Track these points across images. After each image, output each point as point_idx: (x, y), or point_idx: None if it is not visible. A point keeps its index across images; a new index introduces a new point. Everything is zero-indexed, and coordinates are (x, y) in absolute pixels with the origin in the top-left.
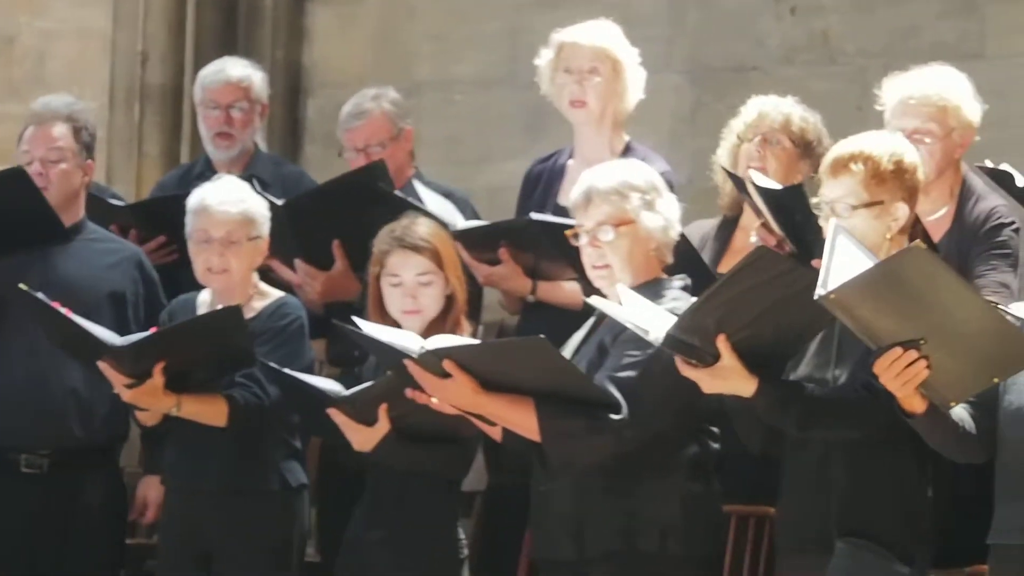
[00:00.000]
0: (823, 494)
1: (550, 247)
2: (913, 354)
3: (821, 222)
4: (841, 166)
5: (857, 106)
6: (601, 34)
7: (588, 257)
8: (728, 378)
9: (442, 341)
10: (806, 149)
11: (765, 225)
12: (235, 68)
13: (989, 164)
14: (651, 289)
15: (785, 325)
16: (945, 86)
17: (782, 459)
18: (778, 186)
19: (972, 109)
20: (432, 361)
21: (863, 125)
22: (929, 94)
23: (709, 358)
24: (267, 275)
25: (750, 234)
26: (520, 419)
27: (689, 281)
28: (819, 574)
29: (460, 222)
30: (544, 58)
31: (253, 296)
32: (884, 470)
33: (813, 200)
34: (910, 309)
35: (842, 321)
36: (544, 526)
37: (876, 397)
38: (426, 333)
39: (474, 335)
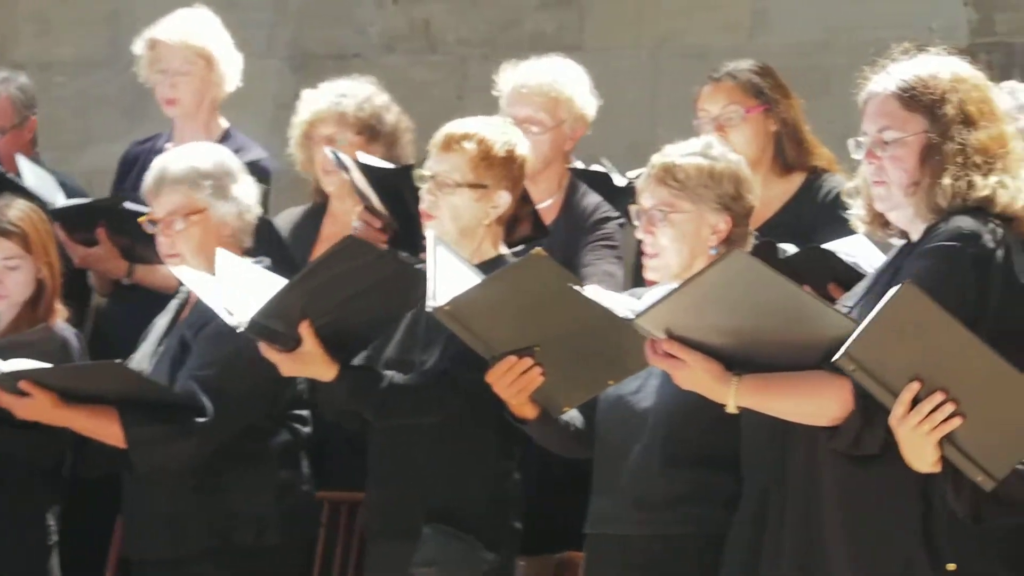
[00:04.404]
0: (408, 477)
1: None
2: (528, 361)
3: (423, 194)
4: (453, 142)
5: (458, 96)
6: (192, 30)
7: (161, 246)
8: (309, 363)
9: (17, 365)
10: (372, 133)
11: (369, 208)
12: None
13: (580, 165)
14: None
15: (371, 310)
16: (560, 78)
17: (368, 440)
18: (388, 165)
19: (586, 103)
20: (8, 382)
21: (463, 114)
22: (543, 84)
23: (292, 343)
24: None
25: (339, 221)
26: (104, 429)
27: (269, 261)
28: (406, 561)
29: (60, 199)
30: (139, 49)
31: None
32: (469, 453)
33: (418, 173)
34: (525, 317)
35: (454, 331)
36: (137, 523)
37: (454, 383)
38: (15, 319)
39: (69, 320)
